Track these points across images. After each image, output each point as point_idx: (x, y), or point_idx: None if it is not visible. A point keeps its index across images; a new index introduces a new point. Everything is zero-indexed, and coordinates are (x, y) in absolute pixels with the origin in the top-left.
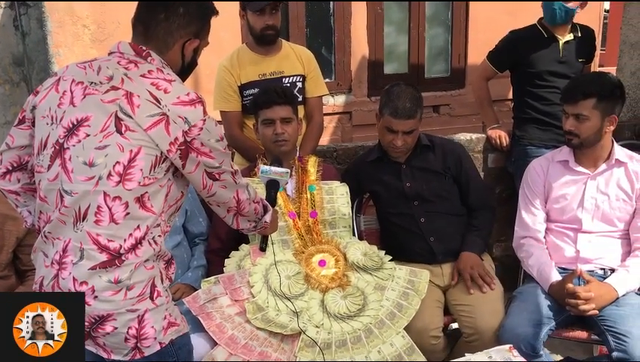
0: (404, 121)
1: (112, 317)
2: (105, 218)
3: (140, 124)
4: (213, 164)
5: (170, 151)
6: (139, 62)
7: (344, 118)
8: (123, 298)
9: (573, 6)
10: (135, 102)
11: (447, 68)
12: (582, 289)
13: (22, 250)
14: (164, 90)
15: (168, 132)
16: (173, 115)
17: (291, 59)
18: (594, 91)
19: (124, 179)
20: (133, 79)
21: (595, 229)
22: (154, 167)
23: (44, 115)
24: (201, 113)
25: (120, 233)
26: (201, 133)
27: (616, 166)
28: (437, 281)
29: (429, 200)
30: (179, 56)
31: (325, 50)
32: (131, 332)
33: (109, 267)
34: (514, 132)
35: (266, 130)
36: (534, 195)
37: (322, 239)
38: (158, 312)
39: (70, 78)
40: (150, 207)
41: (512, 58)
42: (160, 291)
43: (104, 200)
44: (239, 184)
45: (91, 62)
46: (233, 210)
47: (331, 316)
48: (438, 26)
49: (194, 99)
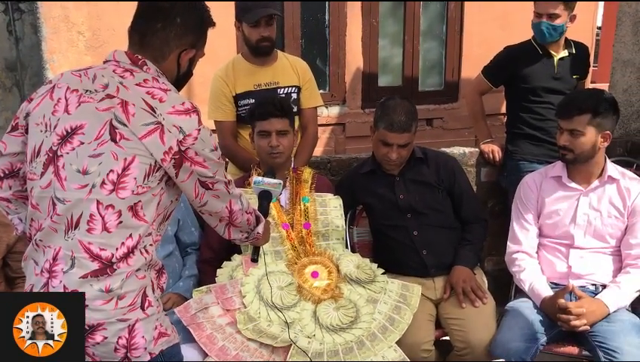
0: (399, 134)
1: (103, 327)
2: (97, 226)
3: (135, 132)
4: (206, 174)
5: (165, 160)
6: (134, 71)
7: (338, 129)
8: (114, 307)
9: (560, 22)
10: (130, 110)
11: (441, 81)
12: (573, 305)
13: (12, 257)
14: (159, 99)
15: (163, 141)
16: (168, 124)
17: (287, 69)
18: (589, 107)
19: (117, 188)
20: (129, 88)
21: (587, 245)
22: (148, 175)
23: (38, 122)
24: (196, 123)
25: (112, 241)
26: (196, 143)
27: (608, 182)
28: (429, 294)
29: (422, 212)
30: (174, 65)
31: (320, 62)
32: (121, 342)
33: (100, 276)
34: (507, 146)
35: (261, 141)
36: (527, 210)
37: (315, 251)
38: (149, 322)
39: (65, 86)
40: (143, 216)
41: (507, 73)
42: (151, 301)
43: (97, 209)
44: (232, 194)
45: (87, 70)
46: (225, 220)
47: (323, 327)
48: (433, 39)
49: (189, 108)
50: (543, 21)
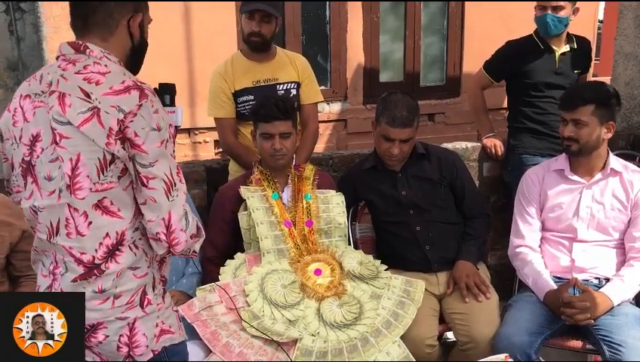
0: (401, 129)
1: (103, 326)
2: (72, 230)
3: (72, 122)
4: (143, 161)
5: (109, 143)
6: (77, 60)
7: (339, 125)
8: (111, 306)
9: (564, 15)
10: (66, 102)
11: (443, 76)
12: (577, 299)
13: (15, 256)
14: (95, 82)
15: (102, 124)
16: (104, 106)
17: (286, 65)
18: (592, 98)
19: (73, 189)
20: (68, 78)
21: (590, 238)
22: (102, 170)
23: (6, 136)
24: (136, 98)
25: (88, 245)
26: (134, 119)
27: (611, 175)
28: (432, 290)
29: (424, 208)
30: (126, 36)
31: (321, 58)
32: (123, 340)
33: (89, 278)
34: (509, 141)
35: (264, 143)
36: (530, 204)
37: (318, 248)
38: (150, 320)
39: (19, 94)
40: (116, 211)
41: (509, 68)
42: (151, 299)
43: (69, 212)
44: (173, 203)
45: (36, 74)
46: (164, 241)
47: (327, 324)
48: (434, 34)
49: (130, 85)
50: (548, 13)
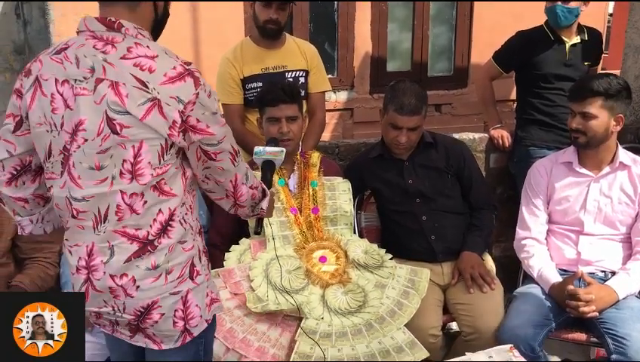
0: (409, 117)
1: (157, 304)
2: (126, 213)
3: (134, 114)
4: (211, 141)
5: (172, 135)
6: (114, 39)
7: (346, 114)
8: (164, 282)
9: (575, 6)
10: (122, 91)
11: (450, 67)
12: (582, 291)
13: (20, 238)
14: (148, 69)
15: (164, 116)
16: (164, 97)
17: (295, 53)
18: (602, 90)
19: (135, 176)
20: (115, 64)
21: (596, 232)
22: (162, 156)
23: (40, 121)
24: (192, 86)
25: (143, 221)
26: (194, 108)
27: (619, 169)
28: (437, 280)
29: (431, 198)
30: (151, 9)
31: (328, 46)
32: (178, 315)
33: (143, 255)
34: (516, 132)
35: (271, 127)
36: (537, 196)
37: (323, 235)
38: (200, 290)
39: (52, 78)
40: (169, 190)
41: (518, 59)
42: (199, 270)
43: (122, 199)
44: (238, 167)
45: (65, 53)
46: (231, 197)
47: (332, 311)
48: (442, 24)
49: (181, 72)
50: (558, 4)
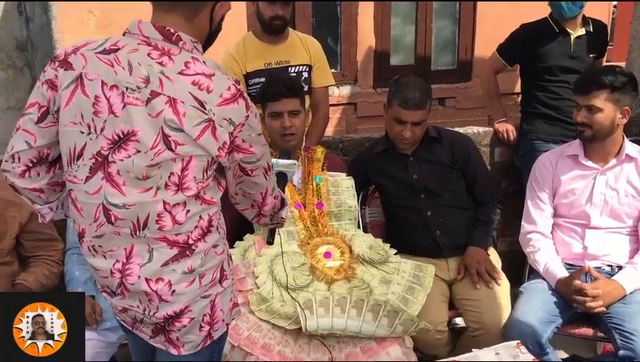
0: (413, 111)
1: (189, 309)
2: (167, 222)
3: (189, 134)
4: (250, 160)
5: (220, 156)
6: (172, 53)
7: (349, 109)
8: (198, 287)
9: None
10: (180, 110)
11: (454, 60)
12: (589, 286)
13: (24, 236)
14: (206, 89)
15: (216, 137)
16: (218, 119)
17: (298, 48)
18: (607, 82)
19: (182, 188)
20: (173, 80)
21: (603, 225)
22: (206, 171)
23: (75, 121)
24: (243, 109)
25: (185, 229)
26: (243, 130)
27: (626, 161)
28: (442, 275)
29: (436, 193)
30: (207, 22)
31: (331, 41)
32: (206, 320)
33: (181, 258)
34: (521, 126)
35: (273, 122)
36: (542, 190)
37: (328, 231)
38: (226, 294)
39: (98, 79)
40: (210, 198)
41: (523, 52)
42: (227, 274)
43: (164, 208)
44: (269, 181)
45: (116, 55)
46: (256, 207)
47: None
48: (446, 18)
49: (235, 93)
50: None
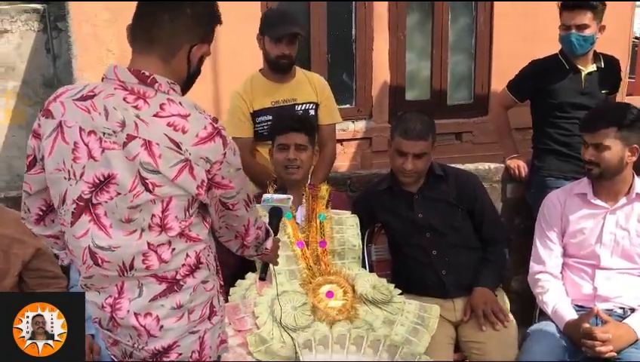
0: (414, 141)
1: (177, 344)
2: (154, 261)
3: (166, 175)
4: (230, 194)
5: (200, 194)
6: (147, 95)
7: (364, 143)
8: (187, 322)
9: (590, 33)
10: (155, 152)
11: (470, 95)
12: (599, 330)
13: (27, 274)
14: (182, 129)
15: (194, 176)
16: (195, 158)
17: (305, 86)
18: (615, 120)
19: (164, 228)
20: (148, 123)
21: (614, 266)
22: (188, 209)
23: (59, 167)
24: (220, 147)
25: (172, 266)
26: (222, 168)
27: (636, 200)
28: (448, 316)
29: (441, 232)
30: (184, 63)
31: (347, 77)
32: (194, 356)
33: (170, 294)
34: (533, 162)
35: (279, 155)
36: (550, 229)
37: (331, 270)
38: (215, 331)
39: (76, 126)
40: (196, 236)
41: (533, 88)
42: (217, 310)
43: (149, 248)
44: (251, 213)
45: (92, 101)
46: (240, 238)
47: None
48: (461, 52)
49: (212, 132)
50: (572, 32)
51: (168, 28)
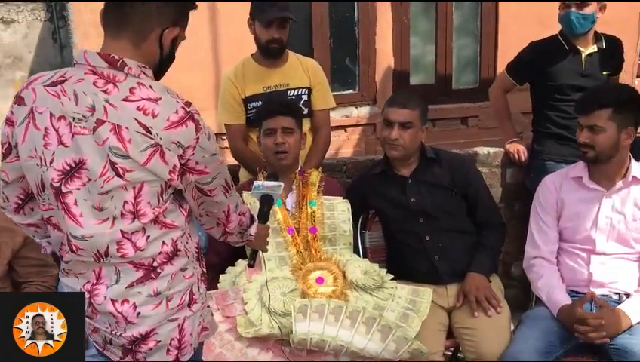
0: (399, 109)
1: (155, 331)
2: (129, 249)
3: (136, 159)
4: (205, 180)
5: (172, 179)
6: (116, 78)
7: (368, 129)
8: (165, 309)
9: (589, 12)
10: (125, 136)
11: (476, 79)
12: (592, 316)
13: (17, 262)
14: (152, 113)
15: (165, 161)
16: (166, 143)
17: (297, 71)
18: (610, 101)
19: (137, 215)
20: (117, 107)
21: (609, 251)
22: (161, 195)
23: (31, 155)
24: (193, 131)
25: (148, 254)
26: (195, 153)
27: (633, 183)
28: (441, 302)
29: (435, 216)
30: (156, 47)
31: (349, 61)
32: (174, 344)
33: (146, 281)
34: (533, 146)
35: (266, 140)
36: (546, 213)
37: (321, 256)
38: (195, 319)
39: (47, 112)
40: (171, 222)
41: (532, 71)
42: (196, 298)
43: (122, 236)
44: (230, 199)
45: (62, 87)
46: (221, 225)
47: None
48: (467, 36)
49: (183, 116)
50: (572, 11)
51: (139, 11)
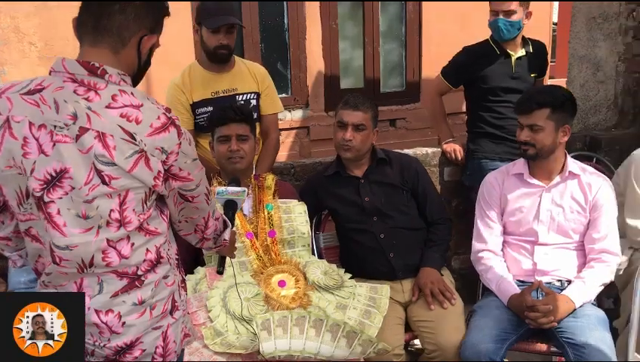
0: (353, 111)
1: (140, 340)
2: (114, 258)
3: (122, 166)
4: (189, 186)
5: (157, 185)
6: (97, 86)
7: (302, 132)
8: (149, 318)
9: (516, 19)
10: (110, 144)
11: (403, 82)
12: (540, 302)
13: None
14: (135, 120)
15: (150, 167)
16: (150, 149)
17: (245, 76)
18: (547, 101)
19: (123, 223)
20: (101, 114)
21: (551, 241)
22: (145, 202)
23: (10, 164)
24: (175, 137)
25: (132, 262)
26: (178, 158)
27: (570, 178)
28: (397, 298)
29: (387, 215)
30: (134, 55)
31: (281, 66)
32: (159, 352)
33: (131, 290)
34: (468, 145)
35: (220, 147)
36: (490, 208)
37: (281, 259)
38: (177, 326)
39: (25, 120)
40: (154, 229)
41: (466, 74)
42: (178, 305)
43: (108, 244)
44: (211, 206)
45: (41, 95)
46: (200, 231)
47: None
48: (393, 40)
49: (165, 122)
50: (500, 18)
51: (118, 18)
